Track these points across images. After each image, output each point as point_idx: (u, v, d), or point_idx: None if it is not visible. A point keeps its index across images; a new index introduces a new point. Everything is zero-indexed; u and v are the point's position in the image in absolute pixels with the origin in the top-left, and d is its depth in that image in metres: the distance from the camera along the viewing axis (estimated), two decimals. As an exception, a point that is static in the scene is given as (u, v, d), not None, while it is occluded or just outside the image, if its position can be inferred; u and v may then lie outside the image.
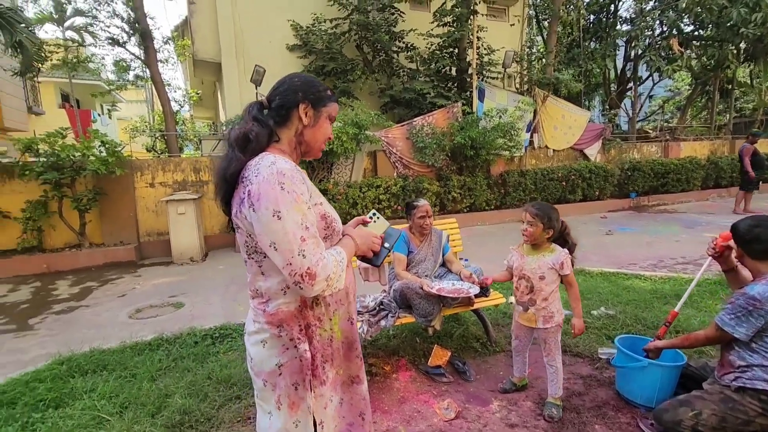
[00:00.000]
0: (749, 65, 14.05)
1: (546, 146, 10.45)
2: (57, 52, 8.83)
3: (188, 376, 2.83)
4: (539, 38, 15.95)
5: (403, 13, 10.24)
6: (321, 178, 7.77)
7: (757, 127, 14.13)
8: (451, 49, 10.34)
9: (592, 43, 14.80)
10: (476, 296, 2.95)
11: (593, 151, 11.04)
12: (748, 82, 15.61)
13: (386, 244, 1.41)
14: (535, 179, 9.55)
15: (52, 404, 2.58)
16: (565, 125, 10.56)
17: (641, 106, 15.71)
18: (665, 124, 18.78)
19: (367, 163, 8.62)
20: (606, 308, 3.73)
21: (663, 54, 12.54)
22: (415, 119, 8.83)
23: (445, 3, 10.02)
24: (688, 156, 11.79)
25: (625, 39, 13.75)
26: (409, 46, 10.35)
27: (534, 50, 13.27)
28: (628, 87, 15.33)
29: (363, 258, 1.39)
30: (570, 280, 2.29)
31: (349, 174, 8.15)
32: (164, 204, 6.70)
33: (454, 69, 10.50)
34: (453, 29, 9.83)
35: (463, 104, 9.20)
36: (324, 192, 7.66)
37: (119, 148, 6.60)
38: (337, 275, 1.16)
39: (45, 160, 6.04)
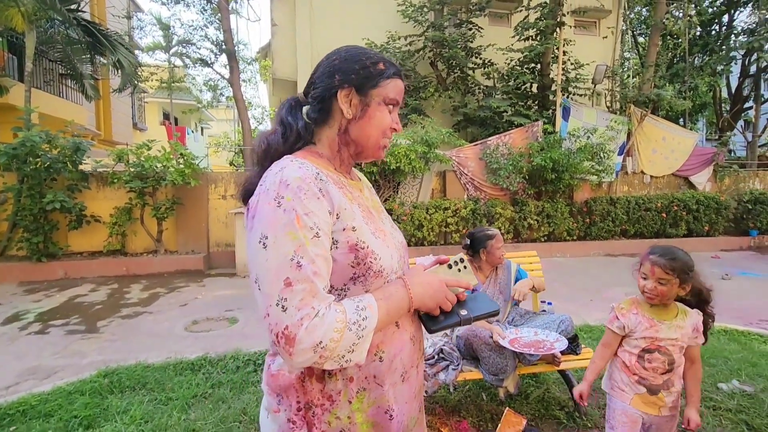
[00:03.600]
0: None
1: (642, 172, 9.19)
2: (155, 74, 9.69)
3: (221, 409, 2.59)
4: (633, 54, 14.48)
5: (482, 28, 9.80)
6: (386, 197, 7.46)
7: None
8: (533, 65, 9.65)
9: (697, 58, 13.07)
10: (563, 352, 2.34)
11: (701, 179, 9.48)
12: None
13: (463, 312, 0.92)
14: (628, 208, 8.38)
15: (84, 422, 2.48)
16: (667, 148, 9.23)
17: (764, 129, 13.36)
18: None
19: (436, 183, 8.17)
20: (740, 382, 2.83)
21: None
22: (489, 138, 8.24)
23: (528, 16, 9.40)
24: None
25: (743, 52, 11.91)
26: (486, 62, 9.84)
27: (628, 66, 12.01)
28: (745, 107, 13.23)
29: (424, 315, 0.94)
30: (696, 353, 1.72)
31: (416, 194, 7.77)
32: (233, 216, 6.81)
33: (535, 86, 9.76)
34: (536, 43, 9.15)
35: (545, 123, 8.42)
36: (389, 212, 7.32)
37: (196, 161, 6.88)
38: (343, 344, 0.75)
39: (132, 169, 6.46)
